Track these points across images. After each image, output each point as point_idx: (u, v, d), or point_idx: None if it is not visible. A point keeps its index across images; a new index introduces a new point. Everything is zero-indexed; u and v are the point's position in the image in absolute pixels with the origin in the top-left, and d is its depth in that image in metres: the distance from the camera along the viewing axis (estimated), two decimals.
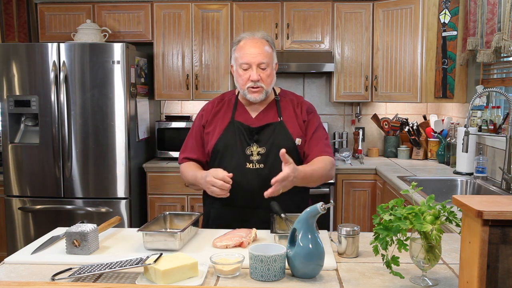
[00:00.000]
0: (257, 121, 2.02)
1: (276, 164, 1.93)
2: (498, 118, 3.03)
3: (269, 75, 1.98)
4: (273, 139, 1.98)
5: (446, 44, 3.55)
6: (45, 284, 1.26)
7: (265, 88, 1.97)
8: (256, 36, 1.98)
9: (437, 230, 1.26)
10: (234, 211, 1.98)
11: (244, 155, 1.98)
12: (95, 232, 1.59)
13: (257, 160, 1.97)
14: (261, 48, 1.95)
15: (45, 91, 3.50)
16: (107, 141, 3.52)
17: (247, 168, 1.96)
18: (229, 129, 2.02)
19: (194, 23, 3.95)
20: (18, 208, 3.59)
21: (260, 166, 1.97)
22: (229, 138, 2.00)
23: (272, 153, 1.97)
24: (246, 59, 1.94)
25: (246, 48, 1.96)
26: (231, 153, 1.99)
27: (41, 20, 4.02)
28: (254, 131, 1.99)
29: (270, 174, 1.91)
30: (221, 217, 1.99)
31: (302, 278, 1.35)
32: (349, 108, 4.34)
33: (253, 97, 1.98)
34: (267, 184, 1.90)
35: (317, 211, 1.37)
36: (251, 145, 1.98)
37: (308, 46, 3.95)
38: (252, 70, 1.94)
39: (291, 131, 2.01)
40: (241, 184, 1.94)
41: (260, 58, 1.94)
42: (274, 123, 2.01)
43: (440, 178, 3.17)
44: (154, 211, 3.78)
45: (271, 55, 1.99)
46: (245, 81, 1.96)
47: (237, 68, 1.99)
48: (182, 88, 4.00)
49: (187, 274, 1.33)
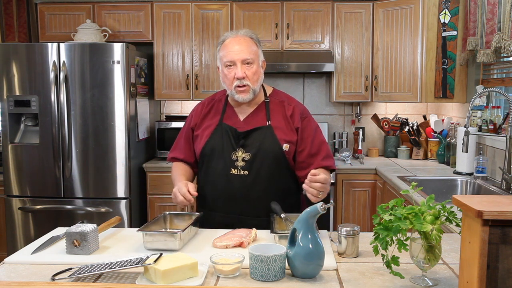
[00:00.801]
0: (245, 125, 1.97)
1: (261, 171, 1.92)
2: (498, 118, 3.03)
3: (255, 72, 1.91)
4: (260, 145, 1.92)
5: (446, 44, 3.55)
6: (45, 284, 1.26)
7: (252, 86, 1.91)
8: (239, 34, 1.94)
9: (437, 230, 1.26)
10: (219, 216, 1.96)
11: (230, 160, 1.93)
12: (95, 232, 1.59)
13: (241, 166, 1.92)
14: (244, 44, 1.91)
15: (45, 91, 3.50)
16: (107, 141, 3.52)
17: (232, 174, 1.93)
18: (217, 132, 1.97)
19: (194, 23, 3.95)
20: (18, 208, 3.59)
21: (244, 172, 1.92)
22: (217, 141, 1.96)
23: (257, 159, 1.92)
24: (229, 57, 1.89)
25: (230, 46, 1.91)
26: (217, 157, 1.95)
27: (41, 20, 4.02)
28: (241, 135, 1.94)
29: (254, 180, 1.91)
30: (207, 222, 1.92)
31: (302, 278, 1.35)
32: (349, 108, 4.34)
33: (241, 97, 1.92)
34: (250, 190, 1.91)
35: (317, 211, 1.37)
36: (236, 150, 1.93)
37: (308, 46, 3.95)
38: (236, 68, 1.89)
39: (279, 136, 1.94)
40: (225, 190, 1.93)
41: (244, 55, 1.89)
42: (262, 127, 1.95)
43: (440, 178, 3.17)
44: (154, 211, 3.78)
45: (256, 52, 1.93)
46: (231, 80, 1.91)
47: (222, 68, 1.95)
48: (182, 88, 4.00)
49: (187, 274, 1.33)
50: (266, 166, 1.93)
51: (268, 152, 1.92)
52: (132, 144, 3.62)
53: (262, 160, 1.92)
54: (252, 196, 1.92)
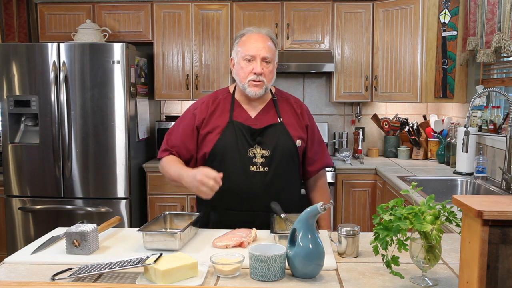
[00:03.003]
0: (258, 122, 1.98)
1: (280, 167, 1.95)
2: (498, 118, 3.03)
3: (271, 71, 1.96)
4: (276, 141, 1.95)
5: (446, 44, 3.55)
6: (45, 284, 1.26)
7: (266, 83, 1.94)
8: (262, 31, 1.97)
9: (437, 230, 1.26)
10: (236, 215, 1.93)
11: (247, 157, 1.93)
12: (95, 232, 1.59)
13: (261, 163, 1.93)
14: (266, 43, 1.94)
15: (45, 91, 3.50)
16: (107, 141, 3.52)
17: (251, 171, 1.93)
18: (228, 130, 1.96)
19: (194, 23, 3.95)
20: (18, 208, 3.59)
21: (265, 169, 1.93)
22: (229, 139, 1.95)
23: (276, 155, 1.94)
24: (251, 52, 1.91)
25: (252, 41, 1.94)
26: (232, 155, 1.94)
27: (41, 20, 4.02)
28: (256, 132, 1.95)
29: (275, 177, 1.93)
30: (223, 221, 1.92)
31: (302, 278, 1.35)
32: (349, 108, 4.34)
33: (253, 91, 1.93)
34: (271, 187, 1.92)
35: (317, 211, 1.37)
36: (254, 147, 1.94)
37: (308, 46, 3.95)
38: (256, 63, 1.91)
39: (292, 133, 1.99)
40: (244, 188, 1.92)
41: (265, 52, 1.92)
42: (275, 124, 1.98)
43: (440, 178, 3.17)
44: (154, 211, 3.78)
45: (274, 52, 1.98)
46: (247, 73, 1.92)
47: (239, 61, 1.95)
48: (182, 88, 4.00)
49: (187, 274, 1.33)
50: (284, 162, 1.96)
51: (284, 149, 1.96)
52: (132, 144, 3.62)
53: (280, 156, 1.95)
54: (272, 192, 1.92)
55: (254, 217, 1.91)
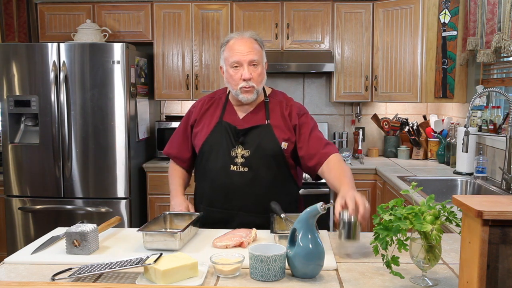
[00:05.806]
0: (244, 123, 2.00)
1: (260, 168, 1.95)
2: (498, 118, 3.03)
3: (260, 74, 1.95)
4: (259, 142, 1.95)
5: (446, 44, 3.55)
6: (45, 284, 1.26)
7: (256, 87, 1.94)
8: (245, 35, 1.97)
9: (437, 230, 1.26)
10: (216, 212, 1.98)
11: (229, 156, 1.96)
12: (95, 232, 1.59)
13: (241, 162, 1.95)
14: (250, 46, 1.93)
15: (45, 91, 3.50)
16: (107, 141, 3.52)
17: (231, 170, 1.95)
18: (216, 129, 2.00)
19: (194, 23, 3.95)
20: (18, 208, 3.59)
21: (244, 169, 1.94)
22: (216, 138, 1.99)
23: (256, 156, 1.94)
24: (236, 58, 1.92)
25: (236, 47, 1.93)
26: (216, 154, 1.98)
27: (41, 20, 4.02)
28: (240, 132, 1.97)
29: (254, 177, 1.94)
30: (205, 218, 1.93)
31: (302, 278, 1.35)
32: (349, 108, 4.34)
33: (245, 97, 1.95)
34: (250, 187, 1.93)
35: (317, 211, 1.37)
36: (236, 147, 1.96)
37: (308, 46, 3.95)
38: (243, 69, 1.92)
39: (278, 134, 1.97)
40: (224, 186, 1.95)
41: (250, 56, 1.92)
42: (261, 125, 1.98)
43: (440, 178, 3.17)
44: (154, 211, 3.78)
45: (261, 53, 1.97)
46: (237, 81, 1.93)
47: (227, 69, 1.97)
48: (182, 88, 4.00)
49: (187, 274, 1.33)
50: (265, 163, 1.95)
51: (266, 150, 1.95)
52: (132, 144, 3.62)
53: (260, 157, 1.95)
54: (252, 192, 1.94)
55: (234, 216, 1.95)
